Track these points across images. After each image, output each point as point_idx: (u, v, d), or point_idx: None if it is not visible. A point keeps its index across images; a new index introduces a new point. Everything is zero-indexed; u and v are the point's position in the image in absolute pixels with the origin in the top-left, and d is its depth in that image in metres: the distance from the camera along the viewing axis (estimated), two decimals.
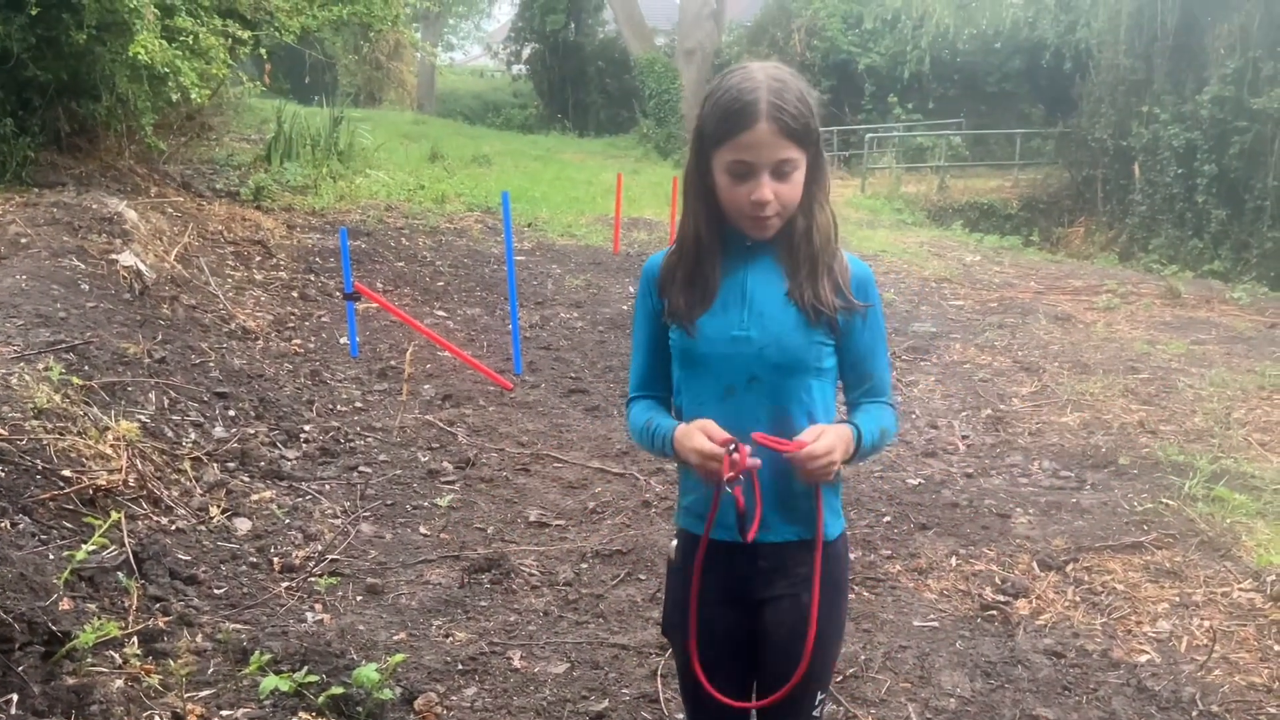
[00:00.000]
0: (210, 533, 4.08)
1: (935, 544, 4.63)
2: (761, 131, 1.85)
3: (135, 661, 2.97)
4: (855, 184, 21.93)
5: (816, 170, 1.96)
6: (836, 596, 2.12)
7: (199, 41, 7.98)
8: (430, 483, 5.05)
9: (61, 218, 6.70)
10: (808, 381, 2.00)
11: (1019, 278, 12.25)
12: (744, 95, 1.87)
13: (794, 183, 1.92)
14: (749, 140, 1.86)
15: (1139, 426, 6.32)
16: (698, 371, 2.04)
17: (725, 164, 1.90)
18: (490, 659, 3.49)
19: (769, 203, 1.89)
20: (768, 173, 1.88)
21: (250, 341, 6.55)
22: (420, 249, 9.86)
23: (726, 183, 1.91)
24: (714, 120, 1.91)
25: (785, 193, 1.91)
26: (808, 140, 1.91)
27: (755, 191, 1.88)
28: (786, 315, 1.97)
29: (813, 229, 1.97)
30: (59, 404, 4.16)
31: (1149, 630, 3.90)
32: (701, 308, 2.01)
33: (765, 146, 1.86)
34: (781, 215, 1.94)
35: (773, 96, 1.85)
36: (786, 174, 1.90)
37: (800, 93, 1.90)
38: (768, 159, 1.87)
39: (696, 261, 2.02)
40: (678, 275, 2.05)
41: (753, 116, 1.85)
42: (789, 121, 1.86)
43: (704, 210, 2.00)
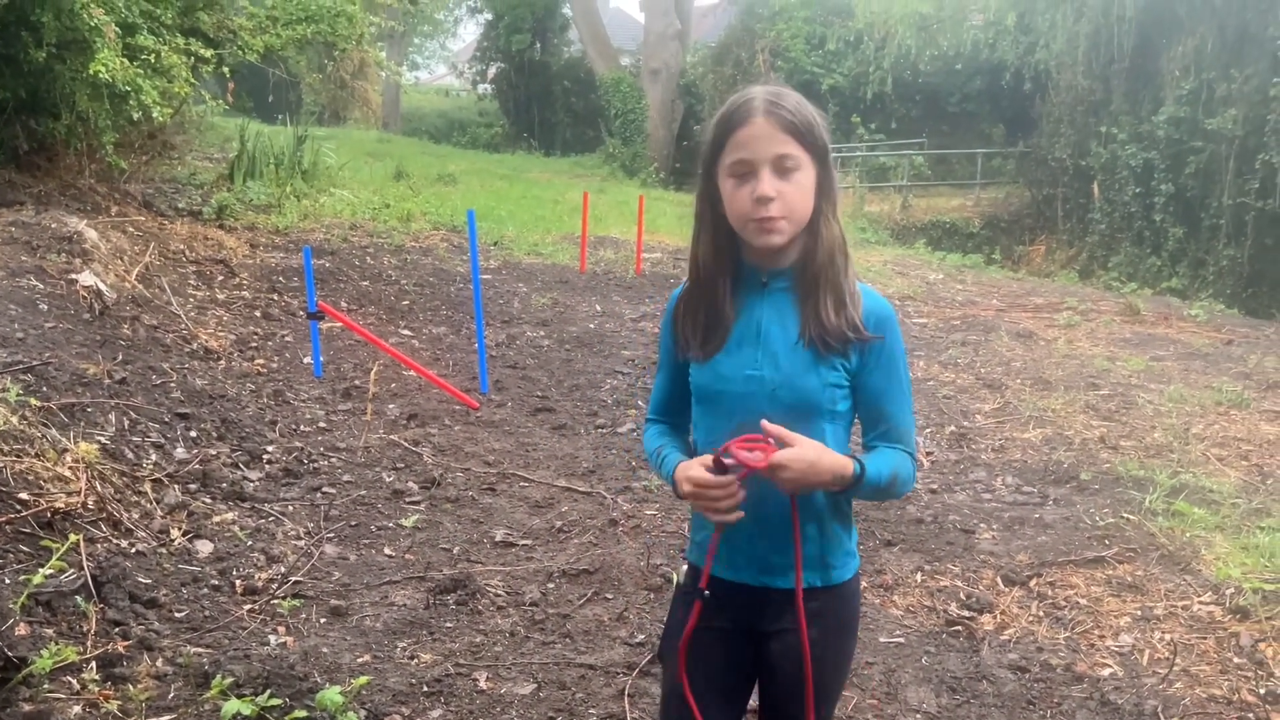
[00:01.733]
0: (171, 555, 4.03)
1: (901, 560, 4.66)
2: (758, 125, 1.86)
3: (94, 687, 2.92)
4: None
5: (825, 184, 1.94)
6: (844, 638, 2.09)
7: (161, 60, 7.93)
8: (395, 503, 5.01)
9: (20, 237, 6.61)
10: (820, 425, 1.94)
11: (981, 295, 12.38)
12: (739, 100, 1.91)
13: (798, 184, 1.89)
14: (745, 136, 1.87)
15: (1100, 442, 6.39)
16: (711, 408, 2.02)
17: (727, 168, 1.90)
18: (456, 680, 3.46)
19: (771, 199, 1.86)
20: (768, 168, 1.86)
21: (212, 361, 6.49)
22: (385, 268, 9.82)
23: (731, 188, 1.90)
24: (715, 128, 1.93)
25: (789, 193, 1.88)
26: (810, 141, 1.89)
27: (757, 188, 1.86)
28: (799, 356, 1.93)
29: (828, 249, 1.94)
30: (16, 425, 4.09)
31: (1111, 644, 3.94)
32: (715, 345, 1.99)
33: (762, 140, 1.86)
34: (790, 220, 1.89)
35: (768, 95, 1.89)
36: (789, 170, 1.87)
37: (800, 100, 1.92)
38: (766, 153, 1.86)
39: (708, 294, 2.01)
40: (690, 310, 2.04)
41: (747, 112, 1.87)
42: (785, 115, 1.87)
43: (712, 238, 1.99)
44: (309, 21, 10.18)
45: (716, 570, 2.03)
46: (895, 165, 23.83)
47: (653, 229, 14.17)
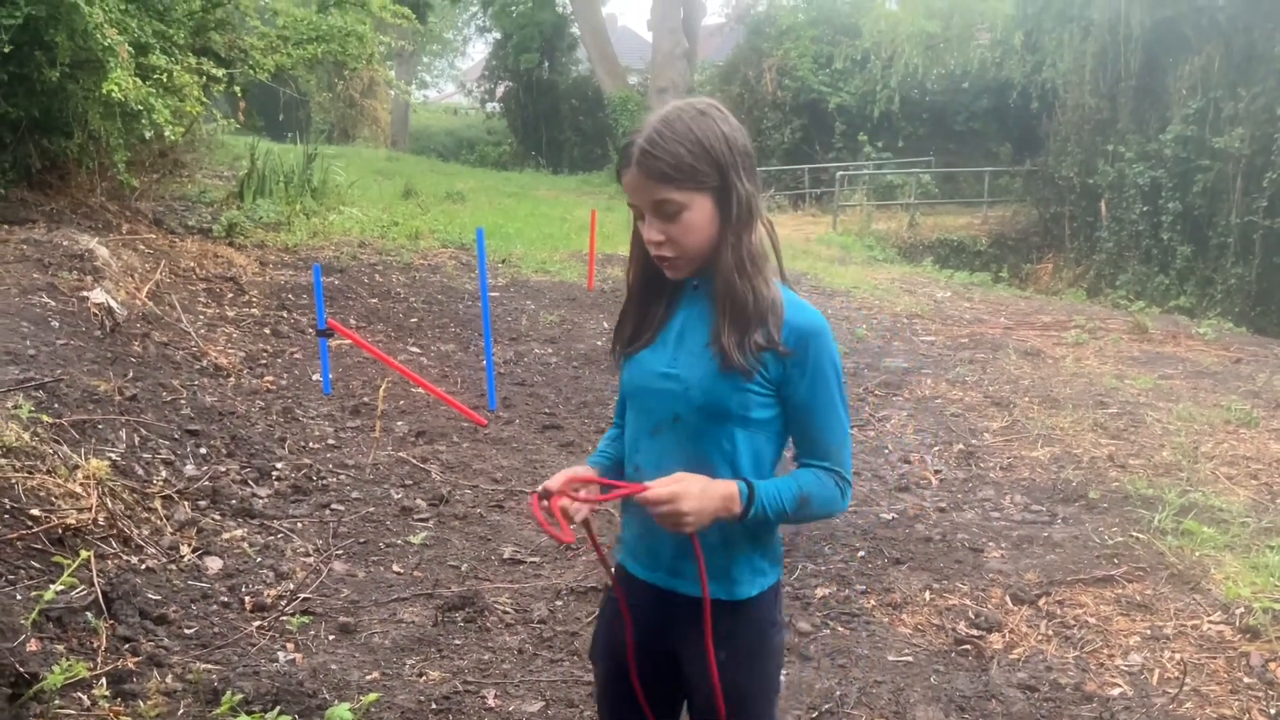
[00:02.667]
0: (181, 572, 4.04)
1: (909, 578, 4.65)
2: (632, 176, 1.89)
3: (104, 703, 2.93)
4: (827, 221, 22.16)
5: (726, 209, 1.91)
6: (760, 664, 2.04)
7: (173, 79, 8.00)
8: (403, 520, 5.02)
9: (32, 255, 6.66)
10: (731, 429, 1.93)
11: (989, 313, 12.37)
12: (628, 139, 1.92)
13: (685, 224, 1.89)
14: (627, 185, 1.91)
15: (1109, 460, 6.38)
16: (633, 406, 2.06)
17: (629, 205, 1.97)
18: (464, 698, 3.46)
19: (660, 241, 1.91)
20: (651, 214, 1.90)
21: (222, 379, 6.51)
22: (394, 285, 9.86)
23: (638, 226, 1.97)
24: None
25: (677, 234, 1.90)
26: (692, 181, 1.87)
27: (646, 231, 1.93)
28: (708, 359, 1.93)
29: (719, 267, 1.93)
30: (28, 442, 4.11)
31: (1121, 663, 3.93)
32: (641, 344, 2.04)
33: (638, 190, 1.89)
34: (685, 257, 1.93)
35: (645, 141, 1.87)
36: (671, 215, 1.88)
37: (687, 132, 1.87)
38: (645, 201, 1.90)
39: (639, 297, 2.07)
40: (625, 315, 2.11)
41: (625, 162, 1.90)
42: (655, 165, 1.85)
43: (640, 254, 2.04)
44: (320, 41, 10.26)
45: (633, 568, 2.09)
46: (902, 183, 23.87)
47: None
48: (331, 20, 10.60)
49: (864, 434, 6.92)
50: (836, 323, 10.67)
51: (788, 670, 3.82)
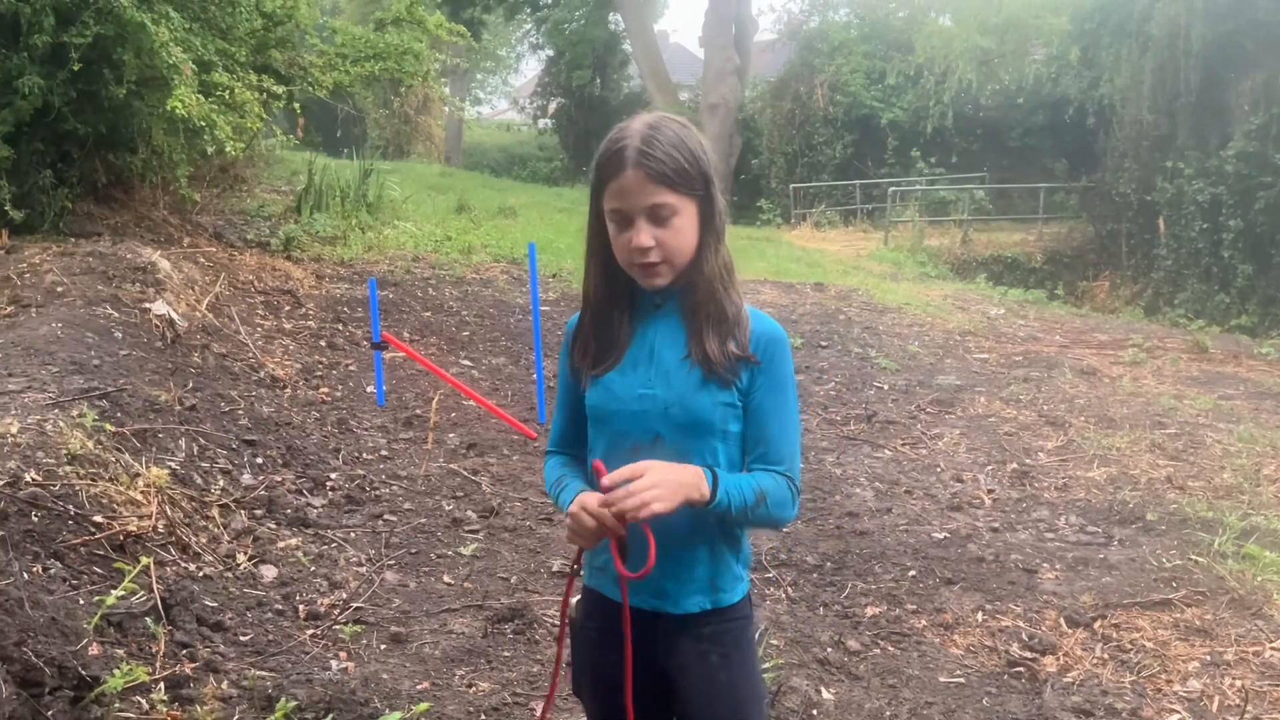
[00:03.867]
0: (237, 579, 4.11)
1: (961, 599, 4.60)
2: (628, 178, 1.87)
3: (162, 707, 2.99)
4: (878, 237, 22.04)
5: (708, 217, 1.94)
6: (747, 659, 2.07)
7: (234, 96, 8.16)
8: (454, 531, 5.07)
9: (97, 267, 6.82)
10: (713, 444, 1.96)
11: (1043, 331, 12.22)
12: (614, 145, 1.90)
13: (676, 229, 1.90)
14: (619, 188, 1.88)
15: (1167, 482, 6.27)
16: (606, 429, 2.03)
17: (608, 213, 1.92)
18: (513, 710, 3.48)
19: (648, 248, 1.88)
20: (643, 218, 1.88)
21: (279, 390, 6.62)
22: (447, 299, 9.96)
23: (612, 232, 1.93)
24: (594, 170, 1.95)
25: (667, 239, 1.89)
26: (686, 184, 1.89)
27: (633, 238, 1.89)
28: (690, 375, 1.95)
29: (700, 276, 1.95)
30: (92, 450, 4.21)
31: (1179, 689, 3.85)
32: (609, 365, 2.01)
33: (634, 193, 1.87)
34: (670, 263, 1.92)
35: (641, 143, 1.87)
36: (664, 219, 1.88)
37: (677, 139, 1.90)
38: (639, 205, 1.87)
39: (600, 317, 2.03)
40: (583, 335, 2.06)
41: (619, 164, 1.87)
42: (656, 166, 1.86)
43: (603, 264, 2.01)
44: (377, 59, 10.42)
45: (610, 591, 2.03)
46: (955, 199, 23.67)
47: None
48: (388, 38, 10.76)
49: (915, 452, 6.87)
50: (888, 339, 10.60)
51: (836, 690, 3.80)
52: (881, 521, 5.53)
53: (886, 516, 5.61)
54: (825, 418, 7.61)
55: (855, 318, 11.75)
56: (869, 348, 10.10)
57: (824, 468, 6.40)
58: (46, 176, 7.85)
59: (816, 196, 26.47)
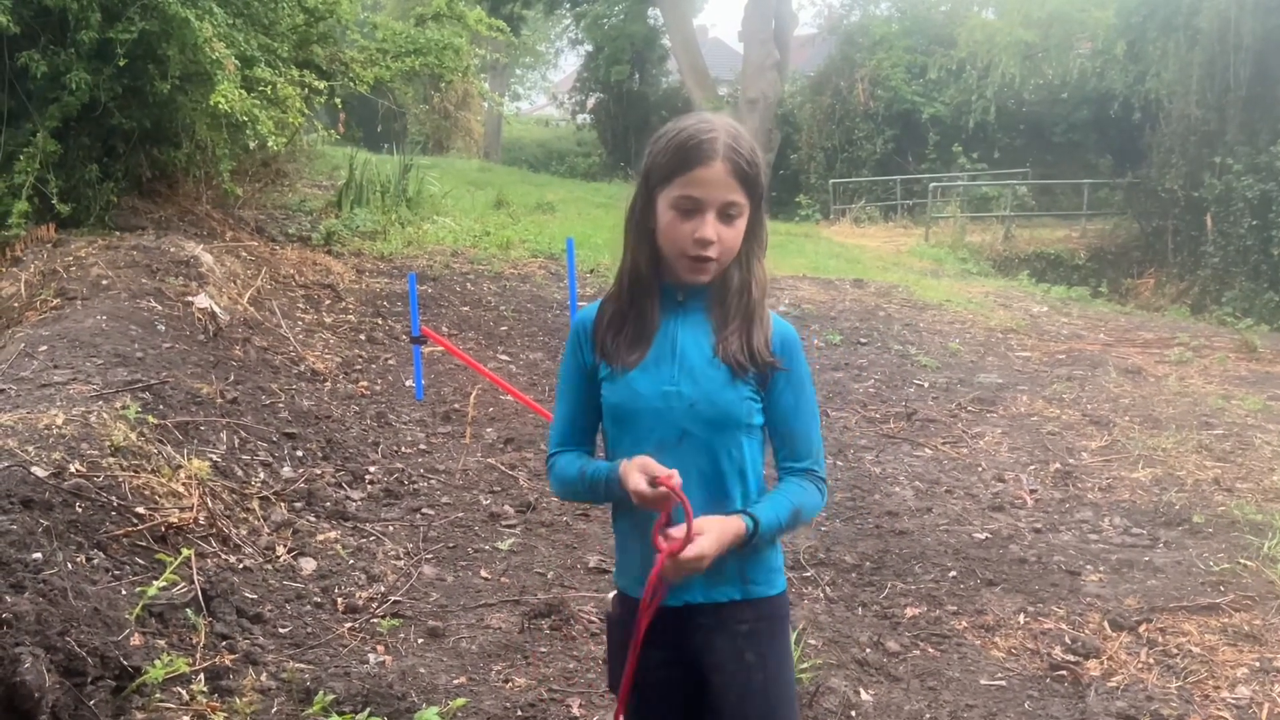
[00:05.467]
0: (276, 572, 4.14)
1: (1003, 601, 4.54)
2: (716, 169, 1.87)
3: (202, 698, 3.01)
4: (919, 233, 21.84)
5: (757, 225, 1.98)
6: (783, 661, 2.09)
7: (276, 91, 8.22)
8: (491, 526, 5.07)
9: (141, 260, 6.91)
10: (739, 438, 1.99)
11: (1087, 329, 12.05)
12: (701, 134, 1.90)
13: (737, 229, 1.93)
14: (702, 176, 1.88)
15: (1214, 484, 6.15)
16: (630, 427, 2.03)
17: (673, 199, 1.91)
18: (549, 706, 3.47)
19: (712, 243, 1.89)
20: (714, 212, 1.89)
21: (319, 383, 6.67)
22: (485, 294, 9.99)
23: (671, 219, 1.92)
24: (667, 156, 1.93)
25: (728, 237, 1.92)
26: (755, 190, 1.93)
27: (700, 229, 1.89)
28: (716, 371, 1.97)
29: (751, 283, 1.99)
30: (135, 442, 4.26)
31: (1227, 695, 3.77)
32: (637, 354, 2.01)
33: (717, 185, 1.88)
34: (720, 262, 1.94)
35: (730, 139, 1.90)
36: (732, 218, 1.92)
37: (754, 144, 1.94)
38: (717, 198, 1.89)
39: (636, 303, 2.03)
40: (615, 318, 2.05)
41: (709, 154, 1.88)
42: (743, 165, 1.89)
43: (645, 251, 2.00)
44: (417, 54, 10.45)
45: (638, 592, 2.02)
46: (997, 195, 23.38)
47: None
48: (429, 34, 10.80)
49: (956, 451, 6.79)
50: (929, 337, 10.50)
51: (874, 691, 3.76)
52: (921, 521, 5.47)
53: (927, 516, 5.55)
54: (864, 415, 7.54)
55: (895, 315, 11.64)
56: (909, 345, 10.00)
57: (863, 466, 6.34)
58: (93, 171, 7.95)
59: (856, 192, 26.27)
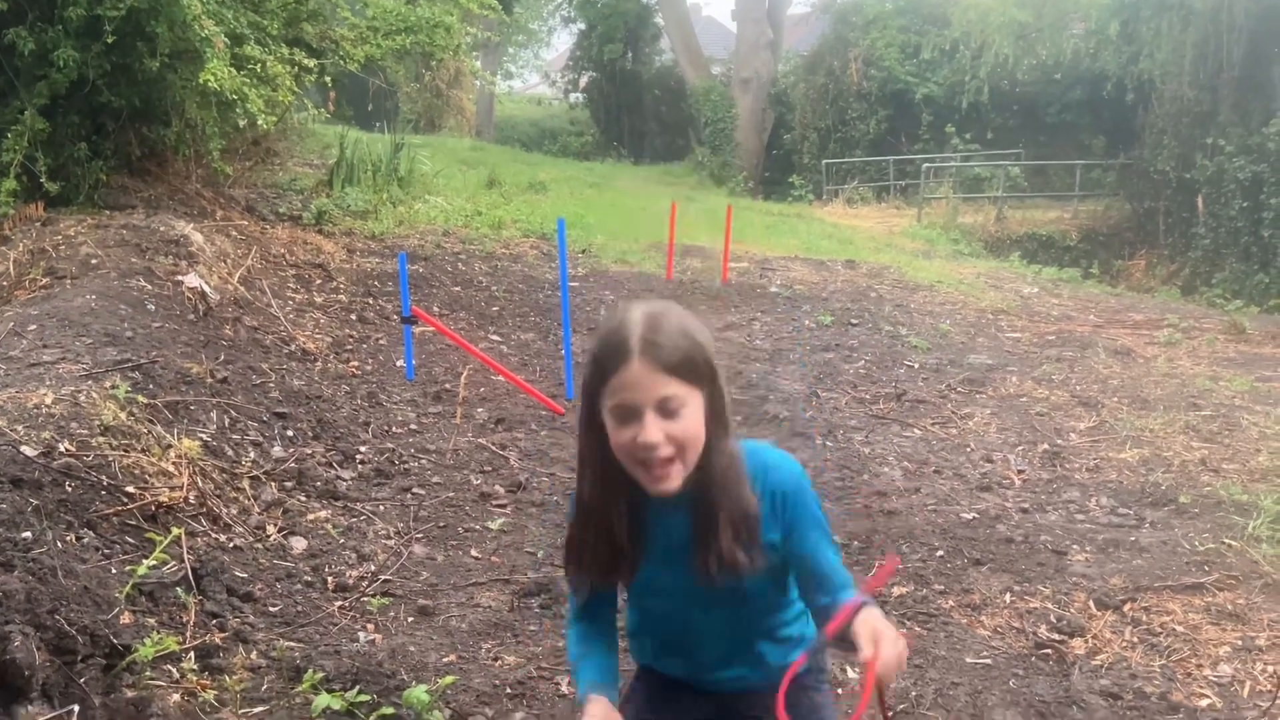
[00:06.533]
0: (267, 551, 4.15)
1: (989, 580, 4.57)
2: (635, 369, 1.73)
3: (192, 676, 3.03)
4: (911, 214, 21.85)
5: (715, 407, 1.82)
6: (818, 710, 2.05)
7: (266, 70, 8.17)
8: (482, 506, 5.09)
9: (130, 239, 6.88)
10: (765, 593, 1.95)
11: (1078, 310, 12.09)
12: (614, 335, 1.77)
13: (686, 421, 1.76)
14: (624, 380, 1.74)
15: (1201, 464, 6.19)
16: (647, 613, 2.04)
17: (609, 410, 1.78)
18: (539, 684, 3.50)
19: (657, 444, 1.74)
20: (651, 412, 1.74)
21: (309, 363, 6.67)
22: (476, 274, 9.98)
23: (614, 429, 1.79)
24: (591, 367, 1.82)
25: (677, 432, 1.75)
26: (694, 376, 1.78)
27: (640, 434, 1.74)
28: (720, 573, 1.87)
29: (712, 474, 1.83)
30: (124, 421, 4.26)
31: (1210, 674, 3.81)
32: (627, 573, 1.94)
33: (642, 385, 1.73)
34: (682, 459, 1.78)
35: (646, 331, 1.75)
36: (674, 411, 1.75)
37: (681, 327, 1.79)
38: (648, 398, 1.74)
39: (599, 530, 1.90)
40: (584, 549, 1.93)
41: (624, 355, 1.74)
42: (664, 355, 1.74)
43: (601, 471, 1.87)
44: (408, 32, 10.39)
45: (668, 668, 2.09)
46: (990, 176, 23.40)
47: (740, 238, 14.15)
48: (420, 11, 10.73)
49: (945, 431, 6.82)
50: (920, 318, 10.52)
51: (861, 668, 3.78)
52: (910, 501, 5.50)
53: (915, 496, 5.58)
54: (854, 396, 7.56)
55: (886, 295, 11.66)
56: (900, 326, 10.02)
57: (852, 446, 6.37)
58: (81, 149, 7.90)
59: (849, 173, 26.26)
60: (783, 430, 6.62)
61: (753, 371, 8.02)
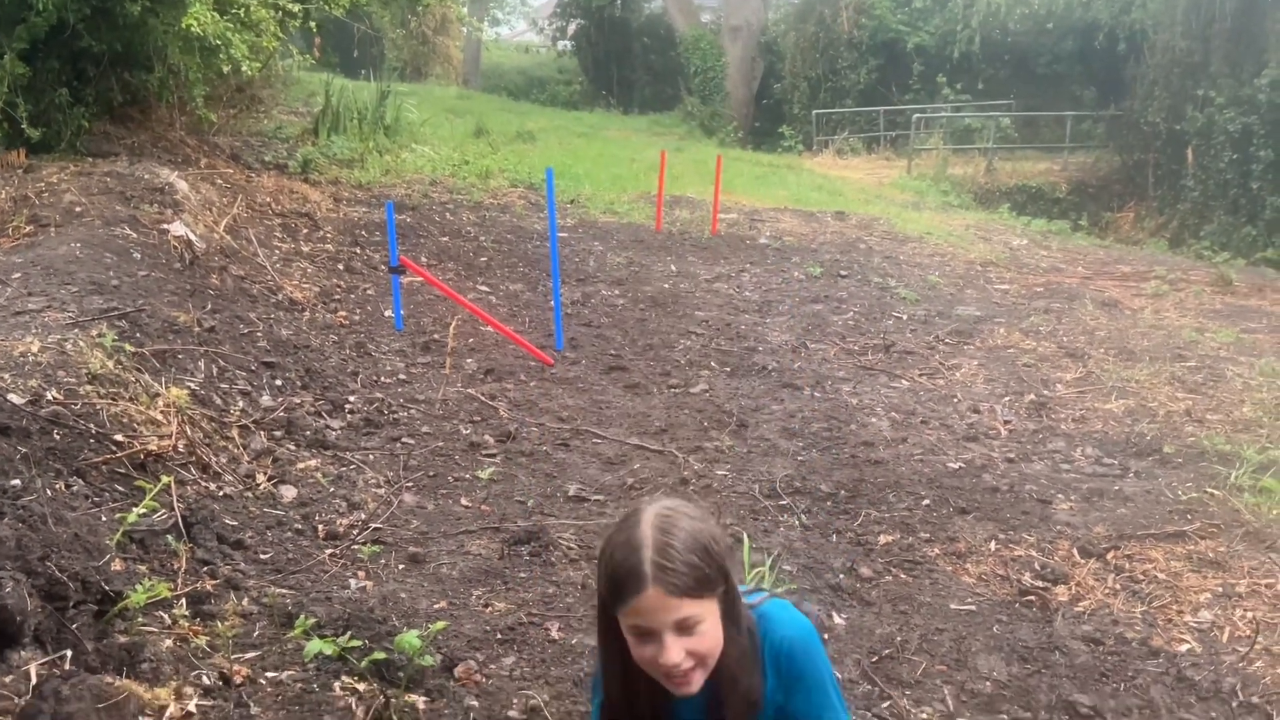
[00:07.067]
0: (257, 499, 4.16)
1: (975, 528, 4.62)
2: (651, 598, 1.76)
3: (184, 622, 3.04)
4: (901, 165, 21.77)
5: (729, 608, 1.87)
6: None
7: (250, 14, 8.06)
8: (471, 455, 5.10)
9: (115, 187, 6.81)
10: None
11: (1066, 262, 12.10)
12: (627, 562, 1.79)
13: (703, 633, 1.82)
14: (641, 607, 1.78)
15: (1185, 415, 6.24)
16: None
17: (627, 629, 1.84)
18: (529, 629, 3.53)
19: (678, 664, 1.80)
20: (670, 633, 1.79)
21: (297, 313, 6.64)
22: (464, 224, 9.92)
23: (634, 644, 1.84)
24: (605, 588, 1.86)
25: (697, 647, 1.82)
26: (708, 589, 1.82)
27: (661, 655, 1.79)
28: None
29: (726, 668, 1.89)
30: (112, 370, 4.25)
31: (1190, 620, 3.87)
32: None
33: (659, 611, 1.77)
34: (703, 666, 1.85)
35: (657, 555, 1.77)
36: (691, 629, 1.80)
37: (692, 540, 1.81)
38: (664, 622, 1.78)
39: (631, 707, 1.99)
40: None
41: (638, 584, 1.76)
42: (679, 580, 1.76)
43: (621, 670, 1.94)
44: None
45: None
46: (981, 127, 23.28)
47: (730, 189, 14.09)
48: None
49: (933, 382, 6.85)
50: (909, 269, 10.52)
51: (847, 615, 3.83)
52: (897, 451, 5.53)
53: (902, 446, 5.62)
54: (843, 348, 7.58)
55: (876, 247, 11.65)
56: (889, 278, 10.02)
57: (840, 397, 6.40)
58: (63, 95, 7.78)
59: (839, 123, 26.09)
60: (771, 381, 6.64)
61: (741, 323, 8.03)
